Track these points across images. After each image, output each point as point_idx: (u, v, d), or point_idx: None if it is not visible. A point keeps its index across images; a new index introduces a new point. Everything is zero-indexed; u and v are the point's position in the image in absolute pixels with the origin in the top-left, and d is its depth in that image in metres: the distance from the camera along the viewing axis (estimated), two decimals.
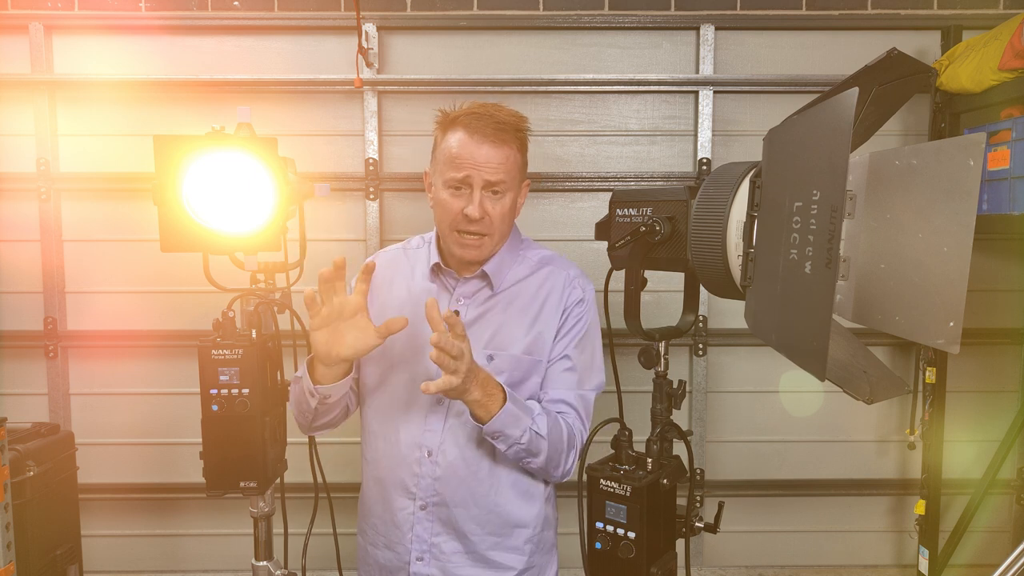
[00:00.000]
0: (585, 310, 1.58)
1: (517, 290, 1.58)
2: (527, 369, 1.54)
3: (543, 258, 1.63)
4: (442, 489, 1.52)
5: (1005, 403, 2.92)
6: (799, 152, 0.93)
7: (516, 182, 1.54)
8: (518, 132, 1.52)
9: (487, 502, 1.54)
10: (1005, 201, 2.43)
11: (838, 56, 2.88)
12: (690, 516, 1.44)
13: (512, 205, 1.54)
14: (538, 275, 1.59)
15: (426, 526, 1.54)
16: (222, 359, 1.55)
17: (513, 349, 1.53)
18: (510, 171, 1.50)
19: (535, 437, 1.45)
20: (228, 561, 3.02)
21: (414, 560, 1.55)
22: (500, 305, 1.56)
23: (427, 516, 1.54)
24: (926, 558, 2.86)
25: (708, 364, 2.95)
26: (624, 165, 2.93)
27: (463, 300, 1.57)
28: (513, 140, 1.50)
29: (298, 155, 1.77)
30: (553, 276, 1.60)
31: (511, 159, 1.50)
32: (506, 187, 1.50)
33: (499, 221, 1.51)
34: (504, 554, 1.57)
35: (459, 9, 2.84)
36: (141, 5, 2.82)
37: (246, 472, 1.60)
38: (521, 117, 1.54)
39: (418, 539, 1.55)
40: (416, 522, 1.54)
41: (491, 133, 1.46)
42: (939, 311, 0.83)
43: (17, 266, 2.89)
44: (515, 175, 1.52)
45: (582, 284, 1.60)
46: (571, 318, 1.57)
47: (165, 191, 1.48)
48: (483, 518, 1.54)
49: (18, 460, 2.11)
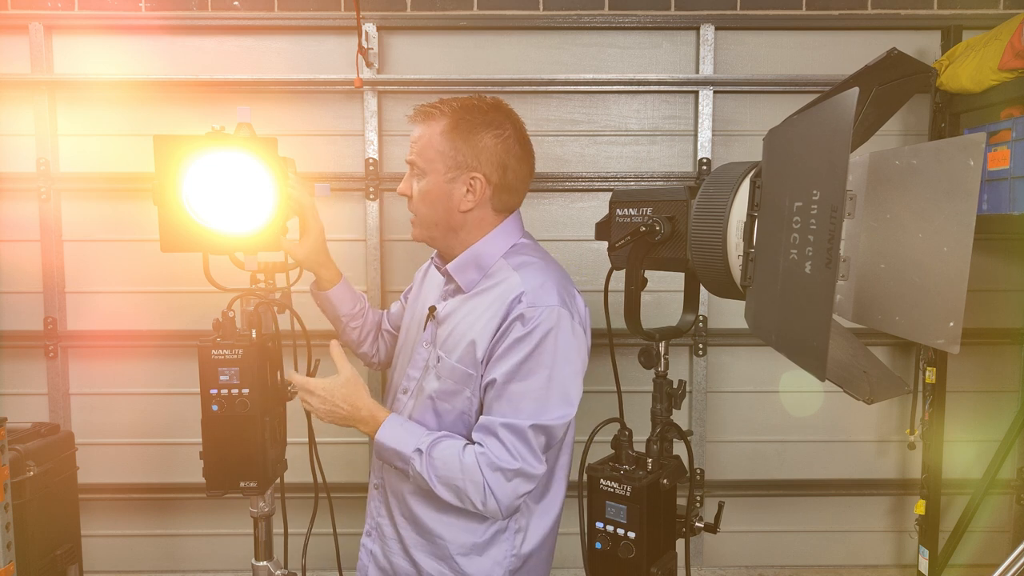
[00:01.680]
0: (528, 331, 1.38)
1: (481, 295, 1.49)
2: (459, 380, 1.46)
3: (519, 264, 1.49)
4: (385, 475, 1.58)
5: (1005, 403, 2.92)
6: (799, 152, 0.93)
7: (435, 166, 1.45)
8: (453, 112, 1.43)
9: (413, 504, 1.53)
10: (1005, 201, 2.43)
11: (838, 56, 2.88)
12: (690, 516, 1.44)
13: (432, 190, 1.46)
14: (504, 282, 1.46)
15: (376, 505, 1.63)
16: (222, 359, 1.55)
17: (453, 356, 1.47)
18: (421, 151, 1.46)
19: (415, 474, 1.43)
20: (228, 561, 3.02)
21: (364, 535, 1.65)
22: (464, 307, 1.50)
23: (378, 495, 1.62)
24: (926, 558, 2.86)
25: (708, 364, 2.95)
26: (624, 165, 2.93)
27: (447, 297, 1.57)
28: (437, 120, 1.44)
29: (298, 155, 1.78)
30: (507, 284, 1.45)
31: (424, 136, 1.45)
32: (419, 169, 1.47)
33: (416, 203, 1.50)
34: (429, 560, 1.53)
35: (459, 9, 2.84)
36: (141, 5, 2.82)
37: (246, 472, 1.60)
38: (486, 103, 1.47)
39: (369, 515, 1.65)
40: (371, 498, 1.65)
41: (419, 111, 1.46)
42: (939, 311, 0.83)
43: (17, 266, 2.89)
44: (431, 156, 1.45)
45: (533, 300, 1.40)
46: (509, 337, 1.39)
47: (165, 191, 1.48)
48: (408, 515, 1.55)
49: (18, 460, 2.11)
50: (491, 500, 1.39)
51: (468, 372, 1.45)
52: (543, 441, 1.42)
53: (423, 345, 1.57)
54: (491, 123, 1.46)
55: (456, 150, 1.44)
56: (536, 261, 1.51)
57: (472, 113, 1.45)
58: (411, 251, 2.95)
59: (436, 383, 1.50)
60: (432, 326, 1.56)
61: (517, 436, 1.38)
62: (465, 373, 1.45)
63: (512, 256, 1.51)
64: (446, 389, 1.48)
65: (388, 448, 1.45)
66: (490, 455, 1.38)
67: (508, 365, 1.39)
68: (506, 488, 1.39)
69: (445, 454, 1.41)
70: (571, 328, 1.42)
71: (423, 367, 1.55)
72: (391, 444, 1.45)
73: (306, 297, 1.79)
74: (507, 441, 1.38)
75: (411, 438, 1.44)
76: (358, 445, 2.95)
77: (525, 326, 1.38)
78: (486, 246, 1.51)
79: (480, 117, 1.45)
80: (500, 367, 1.40)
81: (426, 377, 1.53)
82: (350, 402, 1.49)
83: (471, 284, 1.51)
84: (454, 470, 1.39)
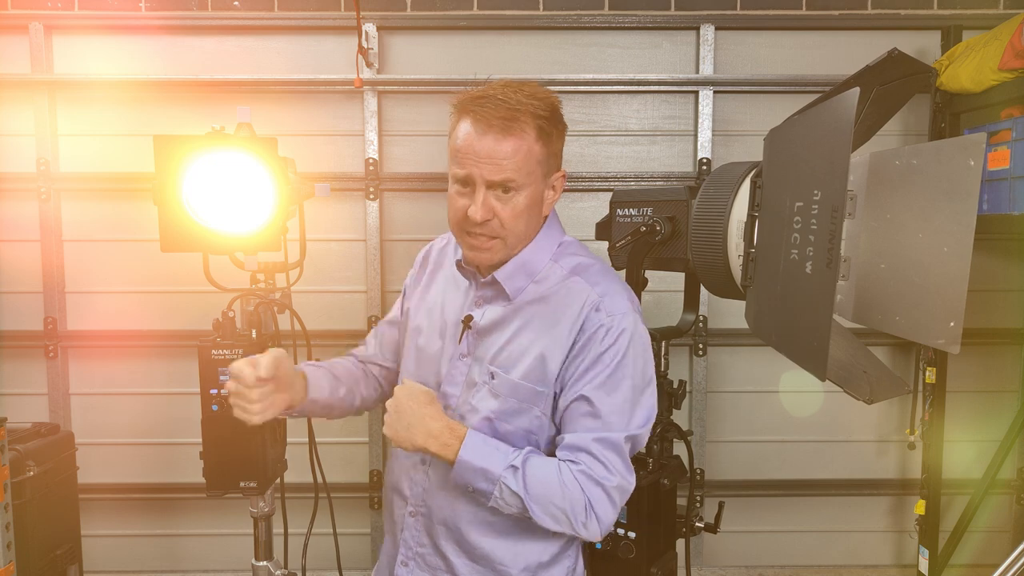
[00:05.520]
0: (613, 342, 1.31)
1: (540, 303, 1.37)
2: (525, 398, 1.34)
3: (576, 267, 1.39)
4: (430, 502, 1.42)
5: (1005, 403, 2.92)
6: (800, 152, 0.93)
7: (534, 176, 1.32)
8: (536, 117, 1.29)
9: (469, 532, 1.40)
10: (1005, 201, 2.43)
11: (838, 56, 2.88)
12: (690, 516, 1.44)
13: (530, 203, 1.33)
14: (563, 288, 1.37)
15: (413, 533, 1.45)
16: (222, 359, 1.55)
17: (514, 372, 1.35)
18: (521, 165, 1.28)
19: (510, 493, 1.28)
20: (228, 561, 3.01)
21: (399, 564, 1.46)
22: (519, 317, 1.37)
23: (415, 523, 1.45)
24: (926, 558, 2.86)
25: (708, 364, 2.95)
26: (624, 165, 2.93)
27: (482, 304, 1.41)
28: (528, 127, 1.29)
29: (298, 155, 1.77)
30: (576, 291, 1.35)
31: (522, 151, 1.28)
32: (518, 184, 1.30)
33: (511, 222, 1.31)
34: None
35: (459, 9, 2.84)
36: (141, 5, 2.82)
37: (246, 472, 1.60)
38: (544, 97, 1.32)
39: (405, 544, 1.46)
40: (406, 527, 1.46)
41: (497, 123, 1.26)
42: (939, 311, 0.83)
43: (17, 266, 2.89)
44: (531, 168, 1.31)
45: (610, 308, 1.33)
46: (592, 350, 1.32)
47: (165, 191, 1.48)
48: (464, 545, 1.41)
49: (18, 460, 2.11)
50: (592, 519, 1.29)
51: (537, 390, 1.34)
52: (630, 451, 1.35)
53: (459, 359, 1.42)
54: (559, 110, 1.37)
55: (550, 153, 1.35)
56: (594, 263, 1.42)
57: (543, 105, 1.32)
58: (411, 251, 2.94)
59: (494, 402, 1.36)
60: (470, 337, 1.41)
61: (612, 450, 1.30)
62: (533, 391, 1.34)
63: (562, 258, 1.41)
64: (508, 408, 1.35)
65: (474, 468, 1.28)
66: (589, 472, 1.28)
67: (596, 379, 1.31)
68: (607, 505, 1.30)
69: (540, 472, 1.29)
70: (645, 332, 1.37)
71: (463, 383, 1.41)
72: (479, 462, 1.28)
73: (306, 297, 1.79)
74: (602, 456, 1.29)
75: (499, 454, 1.30)
76: (358, 445, 2.95)
77: (608, 337, 1.31)
78: (537, 250, 1.40)
79: (550, 107, 1.34)
80: (586, 382, 1.31)
81: (474, 395, 1.39)
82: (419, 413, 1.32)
83: (518, 291, 1.38)
84: (553, 488, 1.28)
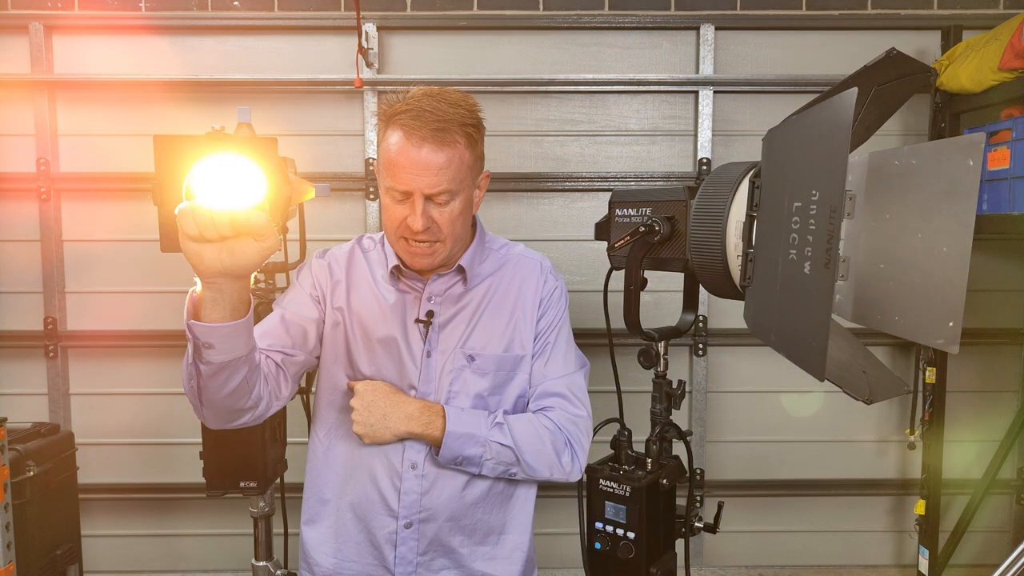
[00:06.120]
0: (560, 297, 1.54)
1: (490, 284, 1.49)
2: (511, 367, 1.46)
3: (508, 247, 1.56)
4: (430, 504, 1.43)
5: (1005, 403, 2.92)
6: (798, 152, 0.93)
7: (466, 182, 1.37)
8: (464, 126, 1.33)
9: (475, 511, 1.45)
10: (1005, 201, 2.43)
11: (838, 56, 2.88)
12: (690, 516, 1.44)
13: (465, 206, 1.39)
14: (508, 266, 1.52)
15: (411, 545, 1.44)
16: None
17: (493, 348, 1.45)
18: (455, 175, 1.33)
19: (500, 448, 1.37)
20: (228, 561, 3.01)
21: None
22: (474, 302, 1.47)
23: (412, 535, 1.43)
24: (926, 558, 2.86)
25: (708, 364, 2.95)
26: (624, 165, 2.93)
27: (435, 299, 1.46)
28: (459, 137, 1.32)
29: (298, 155, 1.78)
30: (525, 265, 1.53)
31: (455, 161, 1.32)
32: (453, 193, 1.34)
33: (449, 226, 1.36)
34: (494, 564, 1.49)
35: (459, 9, 2.84)
36: (141, 5, 2.82)
37: (246, 472, 1.60)
38: (469, 105, 1.36)
39: (402, 560, 1.44)
40: (400, 542, 1.43)
41: (430, 135, 1.29)
42: (939, 311, 0.83)
43: (17, 266, 2.89)
44: (463, 175, 1.35)
45: (554, 272, 1.57)
46: (551, 309, 1.51)
47: (165, 191, 1.49)
48: (471, 528, 1.46)
49: (18, 460, 2.11)
50: (574, 457, 1.43)
51: (519, 355, 1.47)
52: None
53: (426, 357, 1.45)
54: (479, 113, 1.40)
55: (476, 156, 1.40)
56: (507, 240, 1.60)
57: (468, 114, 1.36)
58: None
59: (483, 381, 1.44)
60: (433, 334, 1.45)
61: (578, 386, 1.48)
62: (516, 357, 1.47)
63: (491, 242, 1.56)
64: (499, 382, 1.45)
65: (461, 435, 1.36)
66: (562, 411, 1.44)
67: (556, 327, 1.50)
68: (583, 440, 1.45)
69: (520, 423, 1.41)
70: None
71: (439, 374, 1.45)
72: (464, 428, 1.36)
73: None
74: (572, 394, 1.46)
75: (480, 417, 1.39)
76: None
77: (558, 295, 1.52)
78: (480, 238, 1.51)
79: (473, 114, 1.38)
80: (551, 332, 1.49)
81: (457, 381, 1.44)
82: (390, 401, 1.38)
83: (479, 276, 1.50)
84: (536, 433, 1.41)
